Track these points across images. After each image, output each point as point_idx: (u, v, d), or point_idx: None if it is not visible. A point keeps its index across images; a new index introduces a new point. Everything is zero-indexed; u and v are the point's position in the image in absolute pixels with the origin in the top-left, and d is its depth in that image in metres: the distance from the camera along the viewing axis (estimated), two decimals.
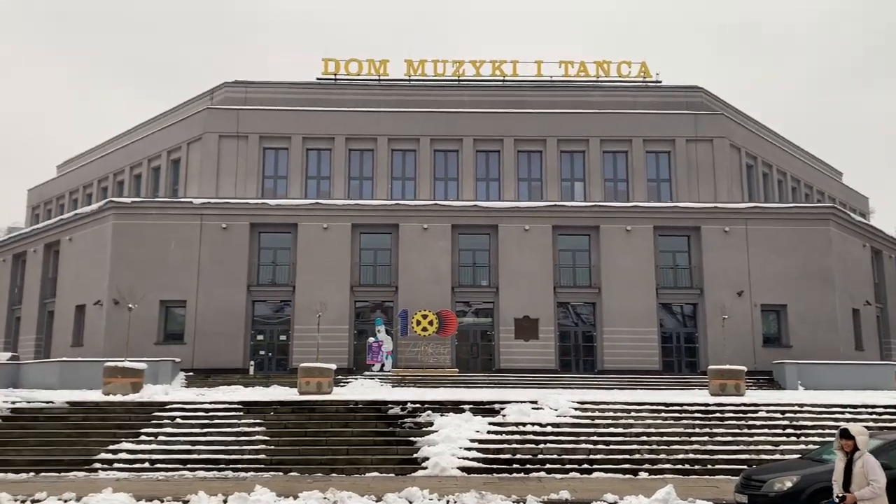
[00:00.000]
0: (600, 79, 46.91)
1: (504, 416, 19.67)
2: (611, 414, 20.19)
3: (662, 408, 20.51)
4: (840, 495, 8.00)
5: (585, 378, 34.72)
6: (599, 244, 38.43)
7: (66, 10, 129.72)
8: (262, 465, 17.23)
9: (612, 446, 18.05)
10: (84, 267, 38.33)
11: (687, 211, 39.10)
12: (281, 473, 16.69)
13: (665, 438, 18.59)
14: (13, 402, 20.57)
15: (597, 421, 19.62)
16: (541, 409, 19.97)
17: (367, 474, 16.71)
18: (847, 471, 7.88)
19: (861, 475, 7.83)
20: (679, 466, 17.18)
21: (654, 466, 17.12)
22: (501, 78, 46.78)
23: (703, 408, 20.84)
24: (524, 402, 20.53)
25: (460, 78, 46.66)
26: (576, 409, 20.18)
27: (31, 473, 16.68)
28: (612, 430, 18.98)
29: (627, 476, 16.59)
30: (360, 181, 43.57)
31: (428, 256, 37.69)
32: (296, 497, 13.27)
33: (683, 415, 20.22)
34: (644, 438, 18.58)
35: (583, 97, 46.14)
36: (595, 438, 18.36)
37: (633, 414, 20.17)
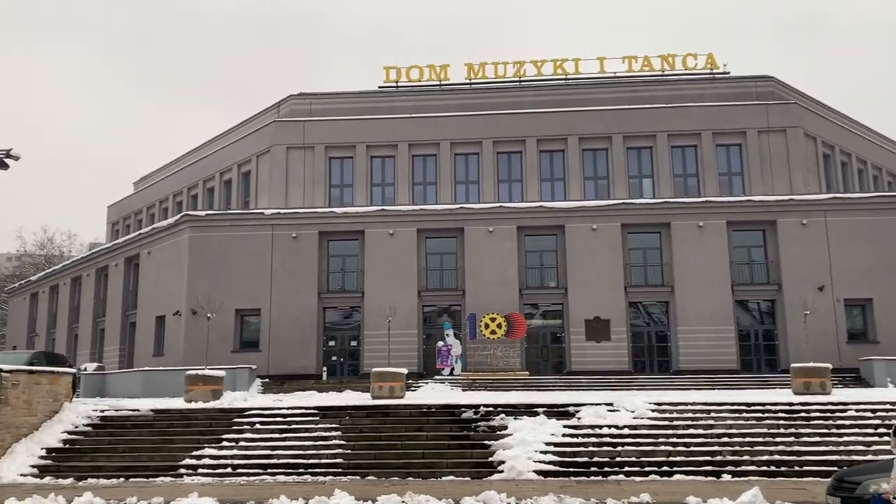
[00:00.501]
0: (666, 73, 45.99)
1: (579, 418, 19.37)
2: (690, 415, 19.63)
3: (744, 408, 19.83)
4: (886, 494, 7.50)
5: (660, 379, 33.97)
6: (671, 241, 37.57)
7: (134, 34, 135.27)
8: (340, 469, 17.42)
9: (692, 448, 17.54)
10: (162, 279, 39.72)
11: (761, 204, 37.84)
12: (358, 477, 16.85)
13: (748, 439, 17.95)
14: (102, 411, 21.43)
15: (675, 422, 19.11)
16: (617, 410, 19.58)
17: (443, 478, 16.69)
18: None
19: None
20: (764, 468, 16.56)
21: (738, 468, 16.54)
22: (563, 76, 46.38)
23: (787, 407, 20.04)
24: (599, 404, 20.17)
25: (521, 79, 46.47)
26: (653, 410, 19.70)
27: (122, 479, 17.31)
28: (691, 431, 18.45)
29: (710, 478, 16.08)
30: (424, 186, 43.85)
31: (494, 259, 37.57)
32: (374, 501, 13.36)
33: (766, 415, 19.49)
34: (726, 440, 17.99)
35: (648, 92, 45.29)
36: (674, 440, 17.88)
37: (713, 414, 19.57)
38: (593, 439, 18.24)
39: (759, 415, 19.48)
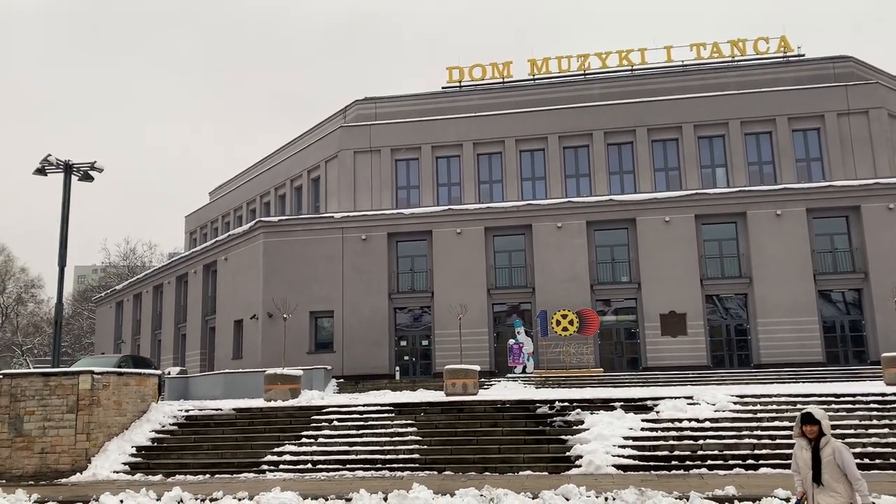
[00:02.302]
0: (736, 58, 44.65)
1: (658, 412, 18.94)
2: (774, 407, 18.94)
3: (832, 399, 19.02)
4: (802, 495, 6.80)
5: (741, 373, 32.92)
6: (748, 231, 36.41)
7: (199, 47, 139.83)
8: (417, 465, 17.53)
9: (778, 440, 16.92)
10: (239, 284, 40.89)
11: (843, 189, 36.25)
12: (435, 472, 16.92)
13: (838, 431, 17.14)
14: (187, 411, 22.18)
15: (759, 415, 18.47)
16: (697, 403, 19.07)
17: (520, 473, 16.59)
18: (815, 460, 6.74)
19: (833, 465, 6.67)
20: (857, 461, 15.81)
21: None
22: (629, 67, 45.56)
23: (879, 398, 19.09)
24: (678, 397, 19.69)
25: (586, 72, 45.91)
26: (735, 402, 19.10)
27: (207, 475, 17.88)
28: (776, 423, 17.80)
29: None
30: (490, 185, 43.79)
31: (564, 255, 37.18)
32: (452, 495, 13.37)
33: (857, 405, 18.63)
34: None
35: (719, 79, 44.06)
36: (759, 433, 17.29)
37: (798, 406, 18.78)
38: (673, 433, 17.81)
39: (850, 406, 18.65)
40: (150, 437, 20.58)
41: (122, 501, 13.96)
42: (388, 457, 17.97)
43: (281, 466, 17.98)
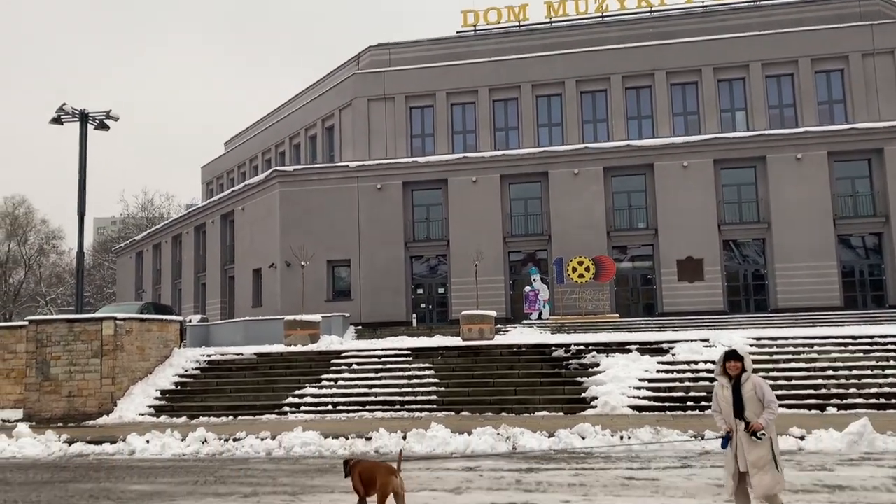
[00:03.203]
0: None
1: (674, 355, 19.08)
2: (791, 349, 19.00)
3: (850, 341, 19.04)
4: (728, 431, 6.71)
5: (757, 318, 32.90)
6: (767, 176, 35.91)
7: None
8: (435, 406, 17.86)
9: (794, 381, 17.03)
10: (257, 233, 41.12)
11: (866, 132, 35.52)
12: (453, 413, 17.24)
13: (855, 372, 17.27)
14: (209, 356, 22.62)
15: (776, 357, 18.55)
16: (713, 346, 19.15)
17: (536, 414, 16.86)
18: (736, 396, 6.70)
19: (754, 399, 6.62)
20: (872, 401, 15.94)
21: (844, 402, 15.98)
22: (648, 9, 44.46)
23: None
24: (694, 340, 19.80)
25: (604, 14, 44.86)
26: (752, 345, 19.15)
27: (230, 417, 18.32)
28: (793, 365, 17.90)
29: (814, 411, 15.62)
30: (506, 131, 43.32)
31: (580, 202, 36.94)
32: (469, 433, 13.61)
33: (874, 347, 18.64)
34: (830, 373, 17.36)
35: (739, 20, 42.92)
36: (775, 374, 17.37)
37: (816, 348, 18.87)
38: (689, 374, 17.96)
39: (867, 348, 18.67)
40: (173, 381, 21.05)
41: (148, 441, 14.36)
42: (407, 399, 18.30)
43: (302, 408, 18.38)
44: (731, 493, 6.82)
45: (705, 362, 18.26)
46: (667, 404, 16.62)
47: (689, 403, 16.62)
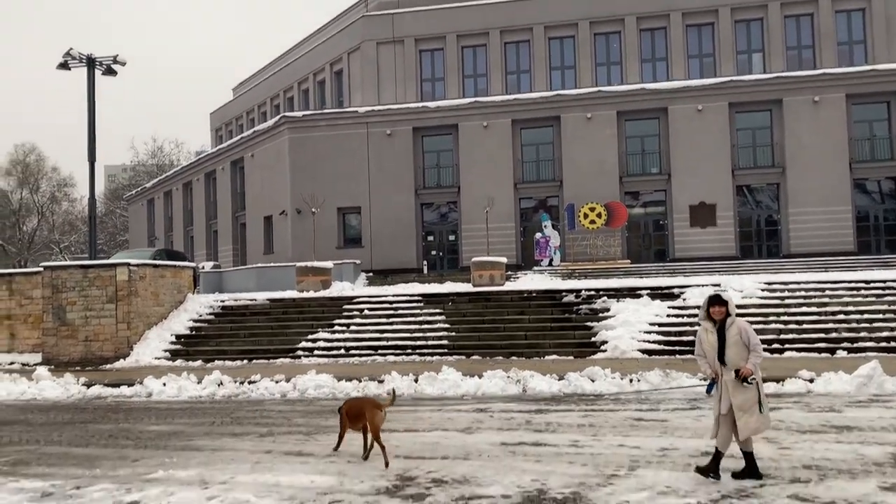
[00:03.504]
0: None
1: (685, 299, 19.10)
2: (802, 293, 18.98)
3: (862, 285, 18.97)
4: (712, 377, 6.71)
5: (770, 263, 32.78)
6: (783, 119, 35.32)
7: None
8: (445, 350, 18.05)
9: (804, 325, 17.05)
10: (267, 180, 41.05)
11: (886, 73, 34.73)
12: (463, 357, 17.42)
13: (866, 317, 17.25)
14: (223, 301, 22.87)
15: (787, 301, 18.54)
16: (724, 291, 19.12)
17: (546, 357, 17.01)
18: (721, 340, 6.62)
19: (739, 343, 6.56)
20: (883, 345, 15.96)
21: (854, 345, 16.01)
22: None
23: None
24: (705, 285, 19.79)
25: None
26: (763, 289, 19.16)
27: (245, 361, 18.61)
28: (804, 309, 17.90)
29: (823, 355, 15.67)
30: (517, 75, 42.63)
31: (592, 147, 36.54)
32: (480, 376, 13.78)
33: (887, 292, 18.58)
34: (842, 317, 17.35)
35: None
36: (785, 318, 17.41)
37: (827, 293, 18.84)
38: None
39: (879, 292, 18.61)
40: (188, 325, 21.33)
41: (164, 384, 14.61)
42: (418, 343, 18.49)
43: (315, 352, 18.63)
44: (715, 436, 6.89)
45: None
46: (676, 348, 16.71)
47: None
